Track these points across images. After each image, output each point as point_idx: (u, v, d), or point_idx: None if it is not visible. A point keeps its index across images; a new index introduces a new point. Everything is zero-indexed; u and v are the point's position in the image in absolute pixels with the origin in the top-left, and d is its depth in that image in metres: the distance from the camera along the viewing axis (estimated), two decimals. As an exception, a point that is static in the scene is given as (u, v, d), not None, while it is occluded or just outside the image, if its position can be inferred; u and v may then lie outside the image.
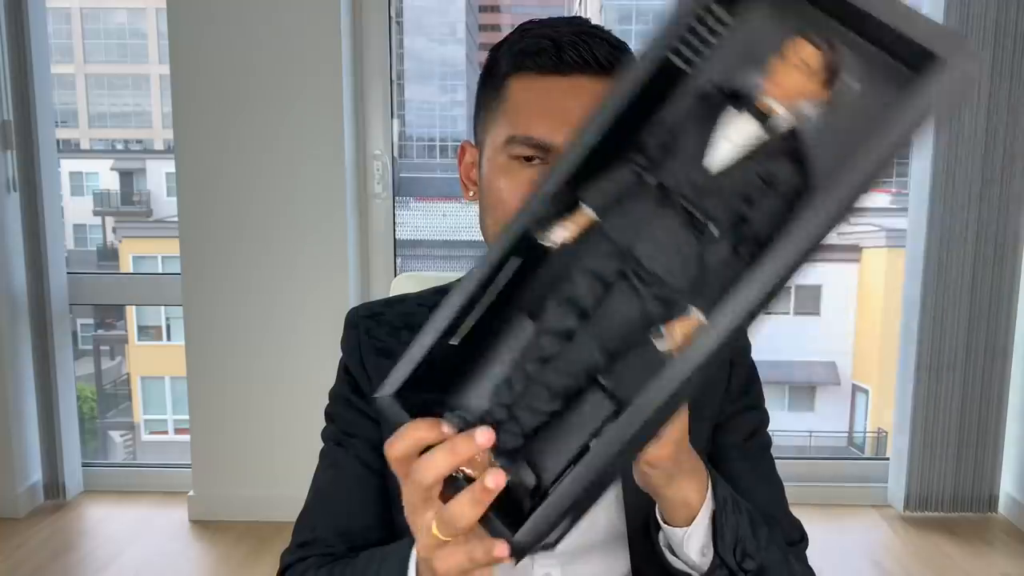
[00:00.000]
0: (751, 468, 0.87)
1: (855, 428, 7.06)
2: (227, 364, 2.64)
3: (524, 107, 0.77)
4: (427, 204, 2.88)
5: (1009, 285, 2.60)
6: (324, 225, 2.57)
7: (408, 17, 3.18)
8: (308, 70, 2.51)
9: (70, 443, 2.80)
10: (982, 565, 2.41)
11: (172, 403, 7.00)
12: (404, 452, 0.56)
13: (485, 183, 0.81)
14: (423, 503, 0.56)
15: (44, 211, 2.66)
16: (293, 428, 2.63)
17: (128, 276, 4.35)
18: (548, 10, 6.11)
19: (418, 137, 3.15)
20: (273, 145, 2.54)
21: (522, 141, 0.76)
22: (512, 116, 0.78)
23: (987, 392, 2.64)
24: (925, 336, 2.62)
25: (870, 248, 6.74)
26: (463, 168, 0.88)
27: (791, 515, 0.90)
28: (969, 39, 2.41)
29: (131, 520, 2.68)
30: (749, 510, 0.76)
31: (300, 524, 0.88)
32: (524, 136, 0.76)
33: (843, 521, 2.69)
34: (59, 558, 2.43)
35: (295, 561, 0.86)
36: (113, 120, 9.21)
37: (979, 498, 2.69)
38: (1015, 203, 2.57)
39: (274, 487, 2.64)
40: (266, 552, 2.46)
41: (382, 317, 0.91)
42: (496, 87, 0.80)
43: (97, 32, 9.16)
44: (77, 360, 3.99)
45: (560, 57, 0.75)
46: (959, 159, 2.54)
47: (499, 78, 0.79)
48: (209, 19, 2.49)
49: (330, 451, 0.90)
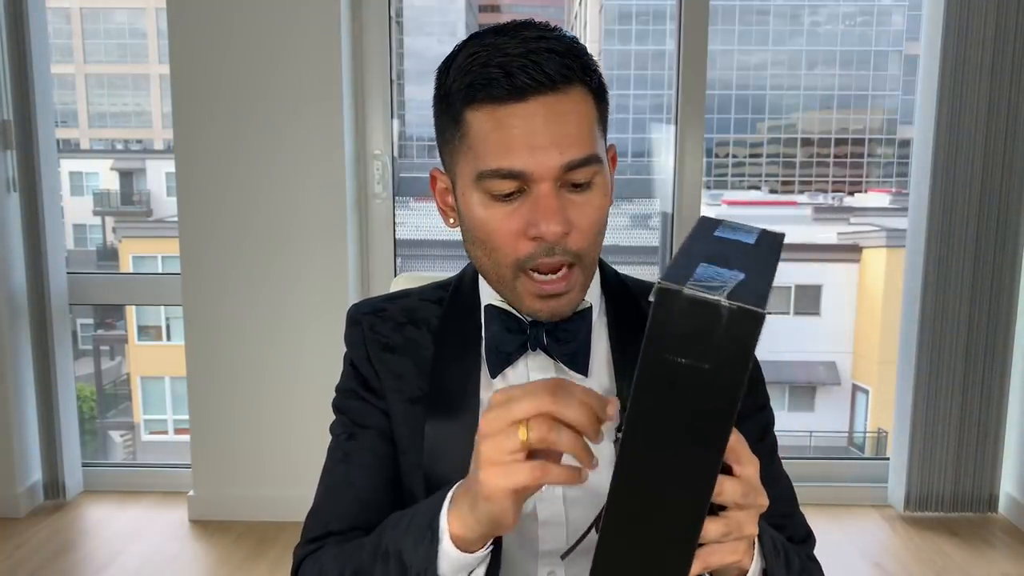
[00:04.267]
0: (761, 471, 0.86)
1: (855, 428, 7.07)
2: (227, 364, 2.64)
3: (486, 140, 0.77)
4: (427, 204, 2.88)
5: (1009, 285, 2.60)
6: (324, 225, 2.57)
7: (408, 17, 3.18)
8: (308, 70, 2.51)
9: (70, 443, 2.80)
10: (982, 565, 2.41)
11: (172, 403, 7.01)
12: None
13: (466, 218, 0.82)
14: (513, 425, 0.62)
15: (44, 211, 2.66)
16: (293, 428, 2.64)
17: (128, 276, 4.35)
18: (547, 10, 6.11)
19: (418, 137, 3.15)
20: (273, 145, 2.54)
21: (491, 175, 0.77)
22: (477, 151, 0.77)
23: (987, 392, 2.64)
24: (925, 336, 2.62)
25: (870, 248, 6.75)
26: (438, 195, 0.88)
27: (799, 513, 0.91)
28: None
29: (131, 520, 2.68)
30: (785, 548, 0.77)
31: (312, 519, 0.88)
32: (492, 170, 0.76)
33: (843, 521, 2.69)
34: (59, 558, 2.43)
35: (311, 552, 0.85)
36: (113, 120, 9.22)
37: (979, 498, 2.69)
38: (1015, 203, 2.57)
39: (274, 487, 2.64)
40: (266, 552, 2.46)
41: (385, 313, 0.91)
42: (455, 119, 0.79)
43: (97, 32, 9.16)
44: (77, 360, 4.00)
45: (512, 83, 0.74)
46: (959, 159, 2.54)
47: (455, 109, 0.78)
48: (209, 19, 2.49)
49: (340, 445, 0.90)
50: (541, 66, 0.74)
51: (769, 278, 0.53)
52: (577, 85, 0.77)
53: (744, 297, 0.49)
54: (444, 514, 0.69)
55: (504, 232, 0.78)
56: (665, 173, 2.75)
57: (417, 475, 0.85)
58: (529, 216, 0.77)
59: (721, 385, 0.51)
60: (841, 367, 7.15)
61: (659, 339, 0.50)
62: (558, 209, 0.76)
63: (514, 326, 0.84)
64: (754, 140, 7.72)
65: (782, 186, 7.84)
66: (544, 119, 0.75)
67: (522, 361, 0.85)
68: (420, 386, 0.87)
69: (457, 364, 0.87)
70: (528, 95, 0.75)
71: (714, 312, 0.49)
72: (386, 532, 0.75)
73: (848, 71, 7.78)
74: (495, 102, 0.76)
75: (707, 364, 0.50)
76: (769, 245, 0.58)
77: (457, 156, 0.80)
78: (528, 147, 0.75)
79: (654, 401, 0.52)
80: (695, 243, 0.57)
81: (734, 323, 0.49)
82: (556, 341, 0.83)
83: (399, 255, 2.78)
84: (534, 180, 0.76)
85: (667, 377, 0.51)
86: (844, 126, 7.69)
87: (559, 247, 0.77)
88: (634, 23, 6.60)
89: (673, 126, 2.67)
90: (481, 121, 0.77)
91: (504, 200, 0.78)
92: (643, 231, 2.91)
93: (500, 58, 0.75)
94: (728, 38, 7.24)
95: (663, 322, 0.50)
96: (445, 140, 0.82)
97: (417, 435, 0.85)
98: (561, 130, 0.75)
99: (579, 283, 0.81)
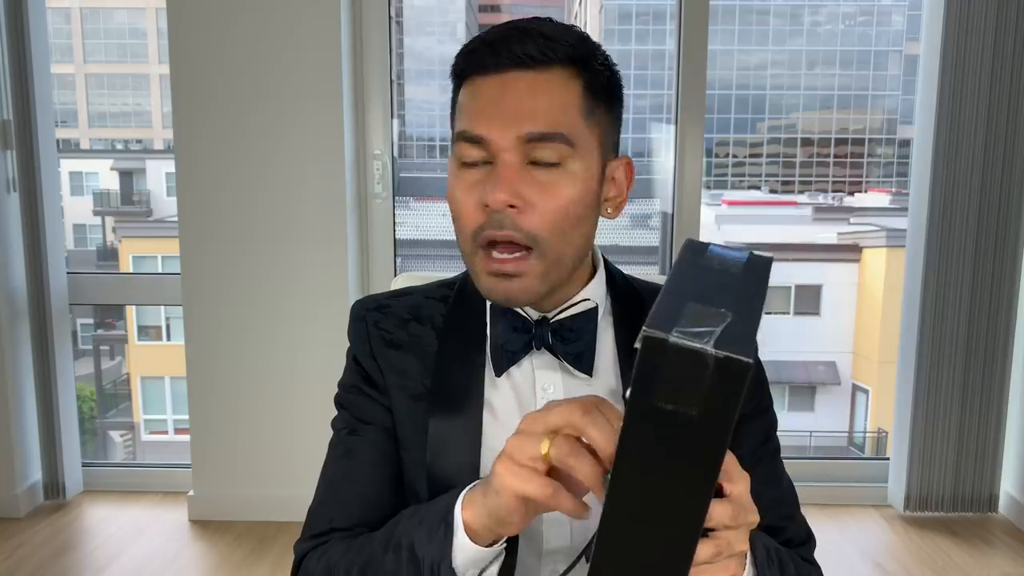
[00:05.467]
0: (763, 474, 0.86)
1: (855, 428, 7.07)
2: (227, 364, 2.64)
3: (465, 108, 0.80)
4: (427, 204, 2.88)
5: (1009, 285, 2.60)
6: (324, 225, 2.57)
7: (408, 17, 3.18)
8: (308, 70, 2.51)
9: (70, 443, 2.80)
10: (982, 565, 2.41)
11: (172, 403, 7.01)
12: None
13: (447, 191, 0.84)
14: (542, 434, 0.63)
15: (44, 211, 2.66)
16: (293, 428, 2.64)
17: (128, 276, 4.35)
18: (547, 10, 6.11)
19: (418, 137, 3.16)
20: (273, 145, 2.54)
21: (458, 137, 0.80)
22: (458, 119, 0.81)
23: (987, 392, 2.64)
24: (925, 336, 2.62)
25: (870, 248, 6.75)
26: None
27: (800, 515, 0.90)
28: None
29: (131, 520, 2.68)
30: (779, 556, 0.77)
31: (314, 515, 0.88)
32: (458, 132, 0.80)
33: (843, 521, 2.69)
34: (59, 558, 2.43)
35: (313, 548, 0.85)
36: (113, 120, 9.22)
37: (979, 498, 2.69)
38: (1015, 203, 2.57)
39: (274, 487, 2.64)
40: (266, 552, 2.46)
41: (389, 309, 0.91)
42: (454, 94, 0.83)
43: (97, 32, 9.16)
44: (77, 360, 4.00)
45: (494, 56, 0.77)
46: (959, 159, 2.54)
47: (455, 85, 0.83)
48: (209, 19, 2.49)
49: (343, 440, 0.90)
50: (524, 45, 0.77)
51: (757, 315, 0.53)
52: (558, 67, 0.78)
53: (731, 344, 0.49)
54: (459, 506, 0.69)
55: (465, 201, 0.79)
56: (665, 173, 2.76)
57: (420, 472, 0.84)
58: (486, 186, 0.78)
59: (709, 431, 0.51)
60: (841, 367, 7.15)
61: (646, 386, 0.51)
62: (509, 179, 0.76)
63: (519, 325, 0.84)
64: (754, 140, 7.72)
65: (782, 186, 7.84)
66: (515, 91, 0.77)
67: (527, 360, 0.85)
68: (424, 383, 0.87)
69: (461, 361, 0.87)
70: (505, 68, 0.77)
71: (701, 361, 0.49)
72: (399, 524, 0.75)
73: (848, 71, 7.78)
74: (478, 72, 0.79)
75: (694, 411, 0.50)
76: (757, 272, 0.58)
77: (453, 132, 0.83)
78: (492, 114, 0.77)
79: (641, 444, 0.53)
80: (681, 277, 0.57)
81: (721, 371, 0.49)
82: (561, 340, 0.83)
83: (399, 255, 2.78)
84: (496, 149, 0.77)
85: (654, 422, 0.52)
86: (844, 126, 7.69)
87: (507, 220, 0.77)
88: (634, 23, 6.60)
89: (673, 126, 2.67)
90: (465, 92, 0.81)
91: (470, 168, 0.79)
92: (643, 231, 2.91)
93: (492, 36, 0.79)
94: (728, 38, 7.24)
95: (650, 370, 0.50)
96: (451, 119, 0.84)
97: (420, 432, 0.85)
98: (527, 104, 0.77)
99: (536, 271, 0.79)
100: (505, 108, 0.77)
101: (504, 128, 0.76)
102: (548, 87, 0.77)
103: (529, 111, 0.76)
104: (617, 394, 0.86)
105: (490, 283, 0.80)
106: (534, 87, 0.77)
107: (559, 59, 0.77)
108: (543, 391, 0.85)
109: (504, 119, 0.76)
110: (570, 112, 0.78)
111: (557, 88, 0.77)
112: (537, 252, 0.78)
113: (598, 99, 0.80)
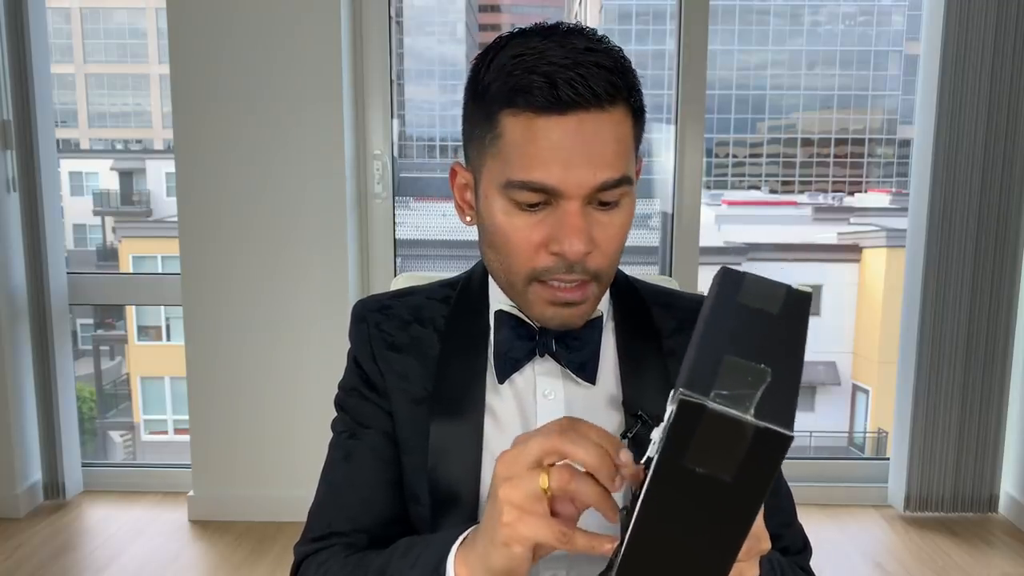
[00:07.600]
0: None
1: (855, 428, 7.07)
2: (227, 364, 2.64)
3: (519, 149, 0.74)
4: (427, 204, 2.88)
5: (1009, 285, 2.60)
6: (324, 225, 2.57)
7: (408, 17, 3.18)
8: (308, 70, 2.51)
9: (70, 443, 2.80)
10: (982, 565, 2.41)
11: (172, 403, 7.01)
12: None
13: (487, 221, 0.79)
14: (530, 470, 0.60)
15: (44, 211, 2.66)
16: (293, 428, 2.64)
17: (128, 276, 4.34)
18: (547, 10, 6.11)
19: (418, 137, 3.16)
20: (273, 145, 2.54)
21: (521, 186, 0.74)
22: (509, 157, 0.75)
23: (987, 392, 2.64)
24: (925, 336, 2.62)
25: (870, 248, 6.75)
26: (457, 190, 0.85)
27: (797, 523, 0.90)
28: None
29: (131, 520, 2.68)
30: (782, 569, 0.77)
31: (314, 518, 0.87)
32: (522, 181, 0.74)
33: (843, 521, 2.69)
34: (59, 558, 2.43)
35: (313, 552, 0.84)
36: (113, 120, 9.22)
37: (979, 498, 2.69)
38: (1015, 203, 2.57)
39: (274, 487, 2.64)
40: (266, 552, 2.46)
41: (391, 311, 0.90)
42: (488, 117, 0.76)
43: (97, 32, 9.16)
44: (77, 360, 4.00)
45: (556, 95, 0.71)
46: (959, 159, 2.54)
47: (491, 107, 0.75)
48: (209, 19, 2.49)
49: (343, 443, 0.89)
50: (588, 81, 0.71)
51: (798, 371, 0.51)
52: (620, 104, 0.74)
53: (772, 413, 0.47)
54: (452, 560, 0.67)
55: (524, 242, 0.76)
56: (665, 173, 2.75)
57: (420, 476, 0.84)
58: (552, 231, 0.75)
59: (742, 496, 0.50)
60: (841, 367, 7.15)
61: (679, 447, 0.49)
62: (584, 228, 0.74)
63: (524, 332, 0.84)
64: (754, 140, 7.72)
65: (782, 186, 7.84)
66: (583, 136, 0.72)
67: (529, 367, 0.85)
68: (425, 386, 0.86)
69: (463, 366, 0.86)
70: (569, 110, 0.71)
71: (739, 431, 0.47)
72: (393, 561, 0.74)
73: (848, 71, 7.78)
74: (534, 111, 0.72)
75: (727, 477, 0.48)
76: (797, 311, 0.55)
77: (485, 156, 0.78)
78: (563, 163, 0.72)
79: (668, 502, 0.51)
80: (716, 318, 0.54)
81: (759, 443, 0.47)
82: (566, 348, 0.83)
83: (399, 255, 2.78)
84: (564, 196, 0.74)
85: (684, 482, 0.50)
86: (844, 126, 7.69)
87: (579, 265, 0.76)
88: (634, 23, 6.60)
89: (673, 126, 2.67)
90: (517, 128, 0.73)
91: (528, 210, 0.75)
92: (643, 231, 2.91)
93: (546, 66, 0.71)
94: (728, 38, 7.25)
95: (685, 434, 0.48)
96: (474, 136, 0.79)
97: (421, 436, 0.84)
98: (598, 149, 0.73)
99: (594, 296, 0.80)
100: (577, 157, 0.72)
101: (579, 180, 0.73)
102: (613, 128, 0.73)
103: (600, 158, 0.73)
104: (617, 400, 0.85)
105: (550, 311, 0.79)
106: (599, 130, 0.73)
107: (621, 95, 0.74)
108: (544, 397, 0.84)
109: (578, 169, 0.72)
110: (629, 151, 0.76)
111: (618, 127, 0.74)
112: (597, 281, 0.79)
113: (639, 123, 0.78)
